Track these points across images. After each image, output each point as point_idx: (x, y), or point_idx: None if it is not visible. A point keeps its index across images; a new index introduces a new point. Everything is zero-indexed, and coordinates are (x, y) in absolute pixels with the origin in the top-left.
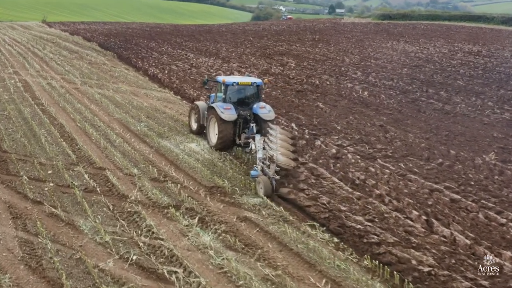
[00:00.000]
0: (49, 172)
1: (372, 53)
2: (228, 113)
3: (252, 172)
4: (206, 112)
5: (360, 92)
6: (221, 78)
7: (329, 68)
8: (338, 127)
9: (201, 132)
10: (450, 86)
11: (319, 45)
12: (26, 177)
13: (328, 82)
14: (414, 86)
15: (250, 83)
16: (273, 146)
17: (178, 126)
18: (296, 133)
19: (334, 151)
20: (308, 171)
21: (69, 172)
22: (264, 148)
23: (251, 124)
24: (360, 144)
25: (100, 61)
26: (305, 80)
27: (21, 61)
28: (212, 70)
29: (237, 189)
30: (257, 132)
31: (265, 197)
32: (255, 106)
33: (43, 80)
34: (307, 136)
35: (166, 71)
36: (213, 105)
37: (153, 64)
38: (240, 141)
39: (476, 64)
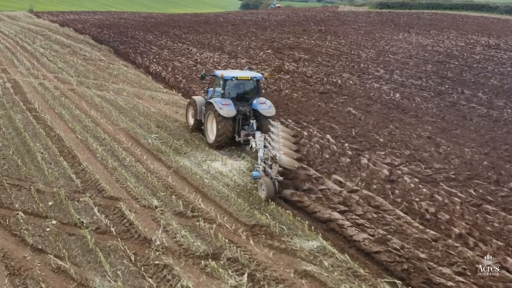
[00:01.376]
0: (50, 203)
1: (386, 47)
2: (227, 109)
3: (254, 173)
4: (203, 107)
5: (392, 95)
6: (219, 72)
7: (347, 64)
8: (381, 139)
9: (199, 128)
10: (485, 86)
11: (328, 38)
12: (22, 213)
13: (351, 82)
14: (446, 86)
15: (249, 78)
16: (276, 145)
17: (196, 139)
18: (335, 147)
19: (386, 172)
20: (364, 200)
21: (74, 204)
22: (265, 147)
23: (251, 121)
24: (413, 162)
25: (96, 57)
26: (325, 79)
27: (9, 57)
28: (220, 67)
29: (284, 227)
30: (257, 129)
31: (269, 200)
32: (254, 101)
33: (35, 79)
34: (349, 152)
35: (170, 69)
36: (211, 100)
37: (154, 60)
38: (239, 139)
39: (501, 59)
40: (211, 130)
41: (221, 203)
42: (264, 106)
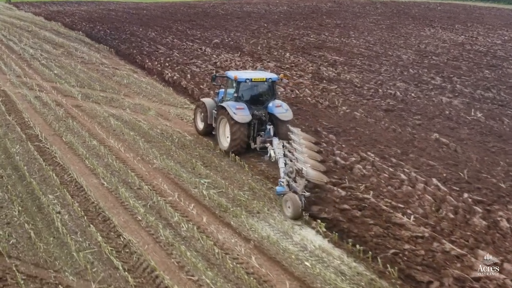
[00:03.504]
0: None
1: (421, 45)
2: (242, 113)
3: (278, 188)
4: (214, 111)
5: (473, 113)
6: (232, 73)
7: (392, 69)
8: (503, 186)
9: (209, 132)
10: None
11: (351, 34)
12: None
13: (413, 94)
14: None
15: (264, 79)
16: (300, 157)
17: (264, 187)
18: (453, 199)
19: None
20: None
21: None
22: (285, 155)
23: (268, 126)
24: None
25: (96, 60)
26: (380, 90)
27: None
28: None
29: None
30: (274, 135)
31: None
32: (270, 104)
33: (29, 91)
34: (477, 208)
35: (189, 76)
36: (223, 104)
37: (167, 65)
38: (255, 145)
39: None
40: (224, 136)
41: None
42: (281, 109)
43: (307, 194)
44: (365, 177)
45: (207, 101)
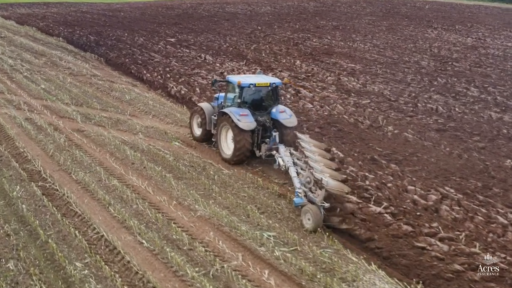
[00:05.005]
0: None
1: (434, 49)
2: (246, 120)
3: (296, 200)
4: (214, 117)
5: None
6: (235, 78)
7: (418, 77)
8: None
9: (207, 139)
10: None
11: (355, 38)
12: None
13: (457, 109)
14: None
15: (268, 84)
16: (317, 166)
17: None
18: None
19: None
20: None
21: None
22: (294, 163)
23: (274, 133)
24: None
25: (86, 71)
26: (418, 105)
27: None
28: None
29: None
30: (280, 142)
31: None
32: (273, 110)
33: (17, 111)
34: None
35: (198, 89)
36: (226, 110)
37: (168, 76)
38: (261, 153)
39: None
40: (226, 144)
41: None
42: (285, 115)
43: (326, 205)
44: (457, 221)
45: (205, 106)
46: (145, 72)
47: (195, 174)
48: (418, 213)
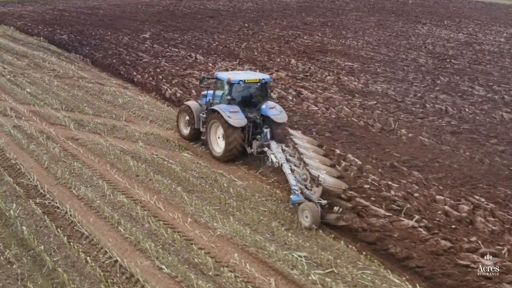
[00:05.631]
0: None
1: (428, 46)
2: (236, 117)
3: (293, 197)
4: (202, 115)
5: None
6: (224, 75)
7: (420, 76)
8: None
9: (195, 138)
10: None
11: (345, 34)
12: None
13: (467, 110)
14: None
15: (258, 80)
16: (312, 163)
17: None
18: None
19: None
20: None
21: None
22: (287, 160)
23: (265, 130)
24: None
25: (73, 73)
26: (426, 105)
27: None
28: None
29: None
30: (271, 138)
31: None
32: (263, 106)
33: (4, 118)
34: None
35: (194, 91)
36: (215, 108)
37: (161, 77)
38: (252, 150)
39: None
40: (216, 142)
41: None
42: (275, 111)
43: (323, 202)
44: (495, 234)
45: (192, 104)
46: (135, 73)
47: (207, 187)
48: (453, 226)
